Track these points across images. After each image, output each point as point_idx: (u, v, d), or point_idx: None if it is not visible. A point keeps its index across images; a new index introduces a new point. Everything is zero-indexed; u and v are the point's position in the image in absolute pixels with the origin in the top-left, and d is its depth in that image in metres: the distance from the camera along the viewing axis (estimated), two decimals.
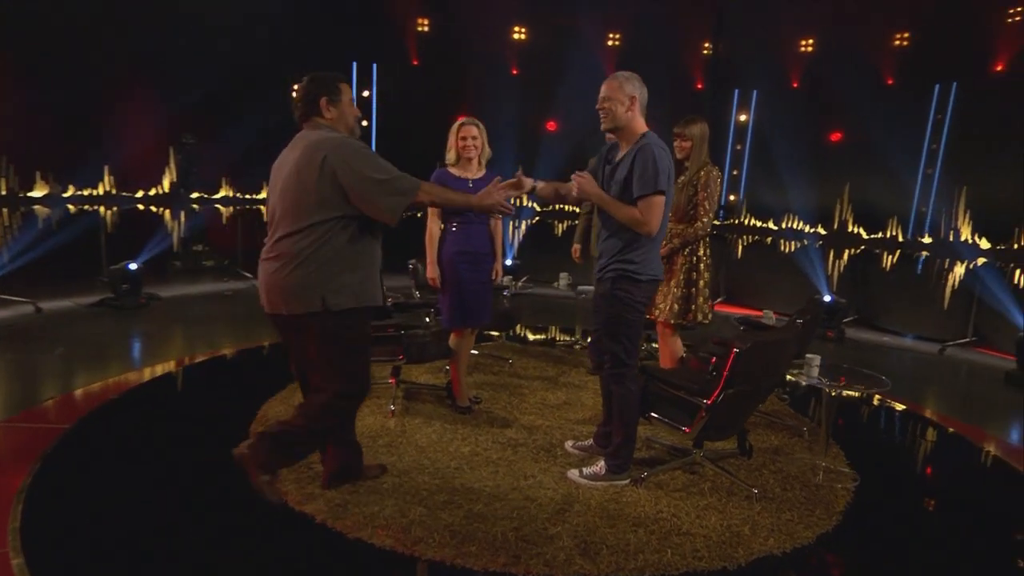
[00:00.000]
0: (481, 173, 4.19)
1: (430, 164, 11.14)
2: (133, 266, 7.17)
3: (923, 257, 7.90)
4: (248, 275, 9.00)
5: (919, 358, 6.89)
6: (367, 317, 2.87)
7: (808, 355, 3.68)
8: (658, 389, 3.47)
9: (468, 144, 4.10)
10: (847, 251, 8.33)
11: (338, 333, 2.79)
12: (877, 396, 5.21)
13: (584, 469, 3.49)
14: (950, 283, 7.42)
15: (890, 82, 8.95)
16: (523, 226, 10.71)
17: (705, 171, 4.20)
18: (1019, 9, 7.86)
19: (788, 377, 3.94)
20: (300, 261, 2.72)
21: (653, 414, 3.49)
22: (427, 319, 4.94)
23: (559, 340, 6.52)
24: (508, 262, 9.20)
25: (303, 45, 9.80)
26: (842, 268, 8.33)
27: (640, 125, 3.26)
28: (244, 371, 5.35)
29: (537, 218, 10.95)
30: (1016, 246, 6.75)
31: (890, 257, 8.05)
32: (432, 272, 4.15)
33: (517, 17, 10.74)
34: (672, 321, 4.25)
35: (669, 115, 4.27)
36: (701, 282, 4.24)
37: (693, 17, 10.48)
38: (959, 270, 7.35)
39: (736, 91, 10.45)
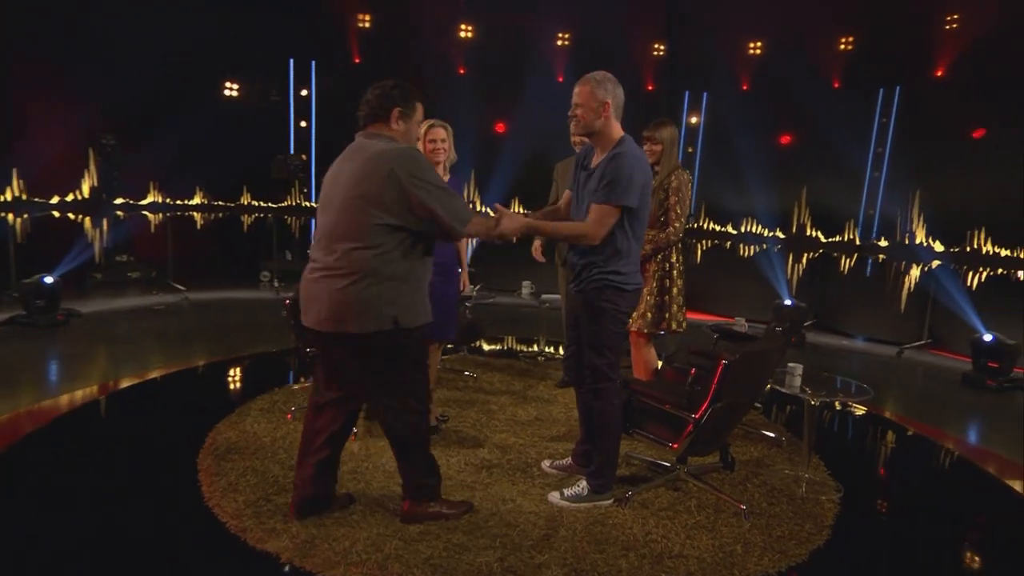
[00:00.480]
0: (446, 179, 4.07)
1: None
2: (49, 279, 6.72)
3: (872, 260, 8.15)
4: (180, 287, 8.61)
5: (878, 361, 7.10)
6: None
7: (790, 364, 3.70)
8: (641, 403, 3.42)
9: (437, 147, 3.98)
10: (806, 254, 8.52)
11: (407, 350, 2.86)
12: (849, 403, 5.30)
13: (565, 491, 3.40)
14: (906, 286, 7.68)
15: (837, 85, 9.23)
16: None
17: (676, 175, 4.20)
18: (956, 16, 8.22)
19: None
20: (376, 277, 2.70)
21: (636, 430, 3.43)
22: None
23: (522, 352, 6.44)
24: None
25: (237, 41, 9.48)
26: (801, 272, 8.53)
27: (615, 130, 3.19)
28: (182, 394, 5.06)
29: None
30: (969, 248, 7.01)
31: (848, 260, 8.28)
32: None
33: (464, 15, 10.65)
34: (646, 330, 4.23)
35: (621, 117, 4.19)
36: (675, 289, 4.23)
37: (644, 18, 10.59)
38: (915, 273, 7.60)
39: (687, 93, 10.60)
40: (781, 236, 8.59)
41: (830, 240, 8.35)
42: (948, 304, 7.18)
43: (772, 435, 4.40)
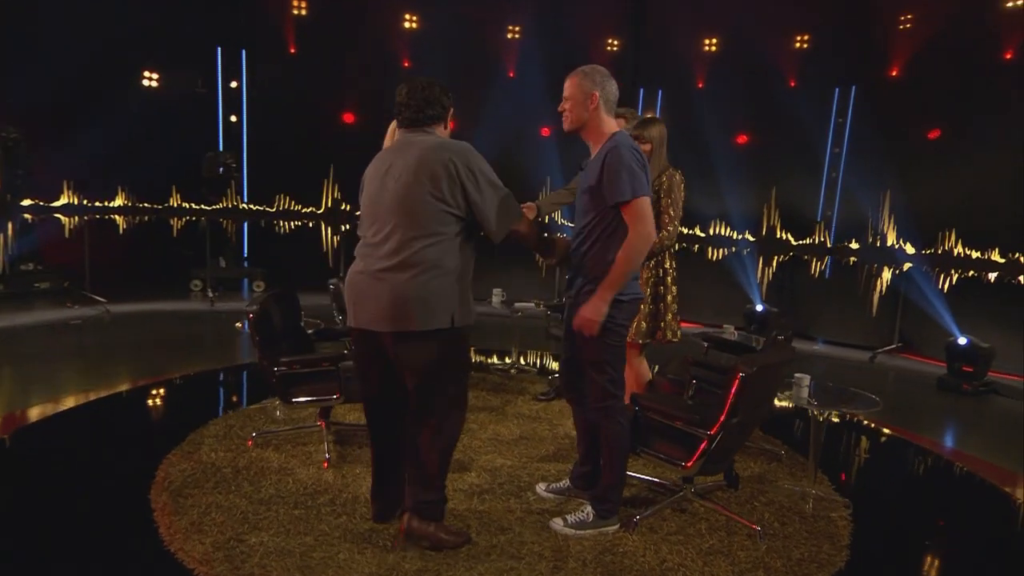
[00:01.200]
0: None
1: (319, 167, 10.66)
2: None
3: (844, 263, 8.34)
4: (99, 299, 8.11)
5: (850, 366, 7.25)
6: None
7: (796, 374, 3.68)
8: (649, 420, 3.34)
9: None
10: (776, 258, 8.66)
11: (460, 353, 2.93)
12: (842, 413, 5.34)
13: (568, 517, 3.29)
14: (877, 289, 7.88)
15: (793, 84, 9.43)
16: None
17: (667, 175, 4.15)
18: (910, 16, 8.51)
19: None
20: (438, 271, 2.76)
21: (644, 448, 3.35)
22: None
23: (494, 365, 6.29)
24: None
25: (158, 27, 9.03)
26: (771, 276, 8.66)
27: (608, 125, 3.13)
28: (117, 422, 4.72)
29: None
30: (940, 250, 7.25)
31: (819, 263, 8.46)
32: None
33: (408, 4, 10.44)
34: (640, 341, 4.16)
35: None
36: (669, 297, 4.18)
37: (597, 11, 10.61)
38: (886, 275, 7.82)
39: (641, 90, 10.66)
40: (751, 239, 8.70)
41: (800, 243, 8.50)
42: (919, 307, 7.40)
43: (770, 448, 4.39)
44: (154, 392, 5.29)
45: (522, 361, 6.27)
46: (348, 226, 10.09)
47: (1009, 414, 5.90)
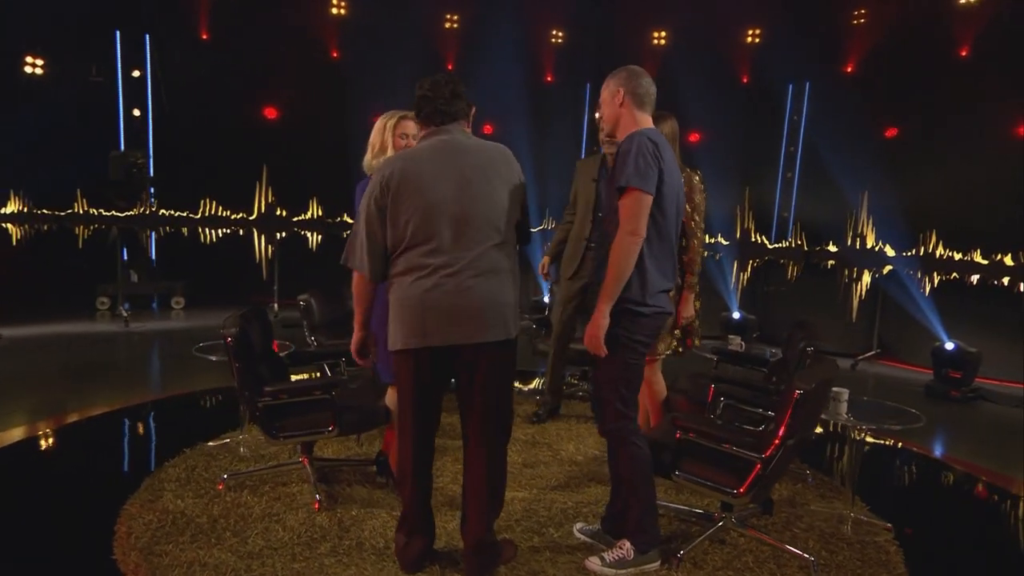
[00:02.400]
0: None
1: (248, 169, 10.13)
2: None
3: (822, 267, 8.55)
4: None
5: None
6: None
7: (834, 388, 3.67)
8: (690, 443, 3.24)
9: (409, 143, 3.63)
10: (751, 262, 8.79)
11: (515, 360, 3.02)
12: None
13: (606, 555, 3.17)
14: (856, 293, 8.09)
15: (745, 80, 9.64)
16: None
17: (685, 176, 4.10)
18: (863, 11, 8.84)
19: None
20: (513, 277, 2.91)
21: (684, 475, 3.26)
22: (339, 373, 4.30)
23: None
24: None
25: (44, 7, 8.41)
26: (746, 281, 8.79)
27: (631, 122, 3.09)
28: (48, 467, 4.32)
29: None
30: (923, 252, 7.50)
31: (795, 267, 8.63)
32: None
33: None
34: (658, 356, 4.09)
35: (517, 110, 4.00)
36: (698, 302, 4.17)
37: (542, 2, 10.56)
38: (866, 279, 8.04)
39: (588, 85, 10.68)
40: (724, 243, 8.81)
41: (775, 246, 8.67)
42: (898, 312, 7.63)
43: (794, 469, 4.38)
44: (88, 431, 4.87)
45: None
46: (284, 233, 9.70)
47: (1004, 421, 6.12)
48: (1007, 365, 6.91)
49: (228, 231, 9.89)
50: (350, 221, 10.08)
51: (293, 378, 4.16)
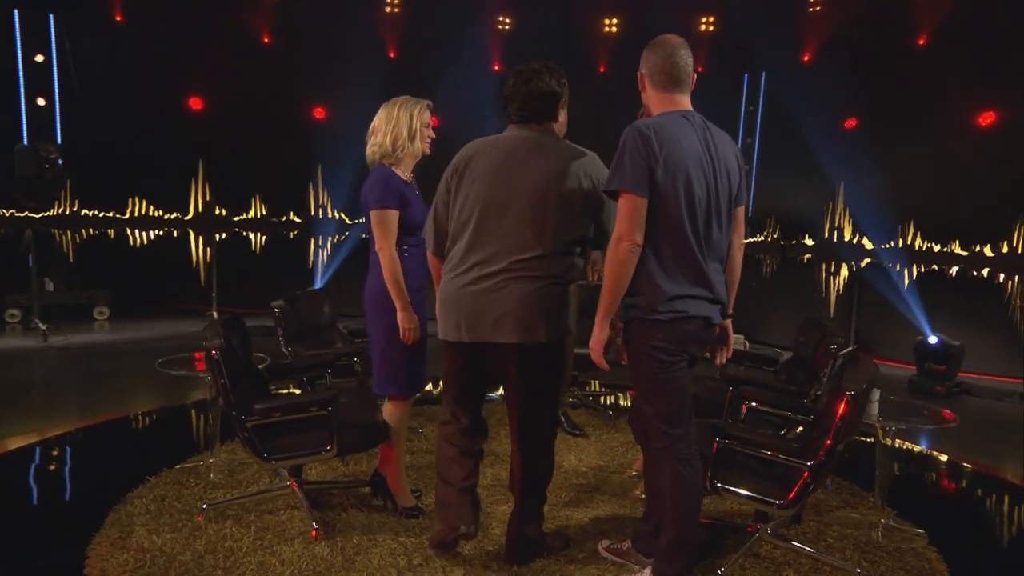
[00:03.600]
0: (411, 177, 3.55)
1: (182, 164, 9.58)
2: None
3: (798, 261, 8.65)
4: None
5: None
6: None
7: None
8: (731, 452, 3.14)
9: (429, 135, 3.50)
10: None
11: (564, 363, 3.29)
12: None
13: None
14: (834, 287, 8.19)
15: (700, 69, 9.69)
16: (329, 243, 9.69)
17: None
18: None
19: None
20: (563, 281, 2.98)
21: (725, 486, 3.15)
22: (327, 386, 4.05)
23: None
24: None
25: None
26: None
27: (659, 103, 2.87)
28: None
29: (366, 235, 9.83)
30: (903, 243, 7.63)
31: (771, 261, 8.69)
32: (410, 321, 3.36)
33: None
34: None
35: (462, 100, 3.86)
36: None
37: None
38: (844, 272, 8.15)
39: None
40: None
41: (750, 241, 8.71)
42: (876, 306, 7.75)
43: None
44: (19, 464, 4.47)
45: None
46: (224, 234, 9.29)
47: (990, 415, 6.25)
48: (987, 358, 7.09)
49: (161, 232, 9.41)
50: (298, 220, 9.75)
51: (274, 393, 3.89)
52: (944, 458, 5.08)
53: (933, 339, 6.85)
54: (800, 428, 3.79)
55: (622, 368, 2.97)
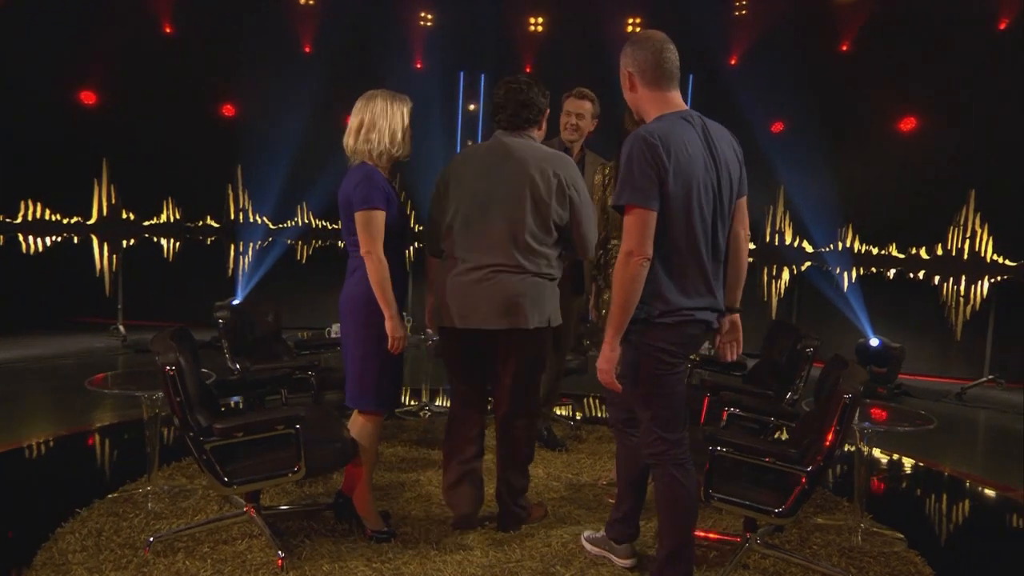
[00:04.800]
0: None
1: (82, 164, 8.97)
2: None
3: None
4: None
5: None
6: None
7: None
8: (724, 460, 3.13)
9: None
10: None
11: (545, 351, 3.59)
12: None
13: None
14: (776, 291, 8.40)
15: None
16: (251, 250, 9.29)
17: None
18: (744, 2, 9.26)
19: None
20: (546, 275, 3.39)
21: (719, 495, 3.14)
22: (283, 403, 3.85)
23: (407, 407, 5.71)
24: (236, 302, 7.94)
25: None
26: None
27: (652, 107, 2.81)
28: None
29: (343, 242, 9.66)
30: (843, 247, 7.89)
31: None
32: (399, 329, 3.27)
33: None
34: None
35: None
36: None
37: None
38: (785, 276, 8.36)
39: (461, 73, 10.51)
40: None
41: None
42: (815, 309, 7.99)
43: None
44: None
45: (437, 402, 5.81)
46: (132, 240, 8.82)
47: (942, 418, 6.49)
48: (922, 359, 7.39)
49: (59, 239, 8.87)
50: (215, 225, 9.36)
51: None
52: (909, 461, 5.23)
53: (874, 341, 7.09)
54: (776, 434, 3.84)
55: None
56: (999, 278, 7.50)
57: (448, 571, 3.22)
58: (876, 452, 5.31)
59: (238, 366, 4.08)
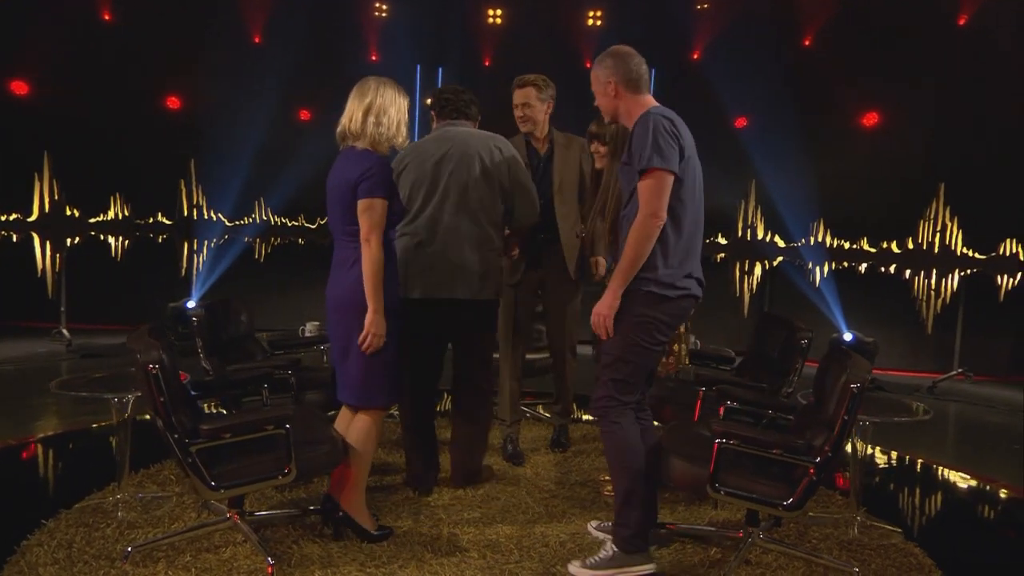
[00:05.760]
0: None
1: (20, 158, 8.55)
2: None
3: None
4: None
5: None
6: None
7: None
8: (730, 452, 3.13)
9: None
10: None
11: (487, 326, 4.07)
12: None
13: (589, 558, 3.24)
14: (748, 287, 8.49)
15: (588, 65, 9.86)
16: (207, 248, 9.07)
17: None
18: None
19: None
20: (496, 248, 3.92)
21: (724, 488, 3.15)
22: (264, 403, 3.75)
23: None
24: (191, 304, 7.75)
25: None
26: None
27: (635, 106, 3.21)
28: None
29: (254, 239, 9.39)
30: (814, 241, 8.02)
31: None
32: (381, 326, 3.31)
33: None
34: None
35: (338, 91, 3.82)
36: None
37: None
38: (758, 271, 8.46)
39: (418, 67, 10.44)
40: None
41: None
42: (787, 304, 8.10)
43: None
44: None
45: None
46: (78, 238, 8.55)
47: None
48: (893, 354, 7.55)
49: None
50: (167, 222, 9.13)
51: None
52: (893, 455, 5.32)
53: (848, 336, 7.22)
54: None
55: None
56: (968, 271, 7.71)
57: (446, 574, 3.18)
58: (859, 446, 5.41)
59: (209, 365, 3.97)
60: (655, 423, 3.60)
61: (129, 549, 3.21)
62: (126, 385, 3.70)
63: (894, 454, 5.30)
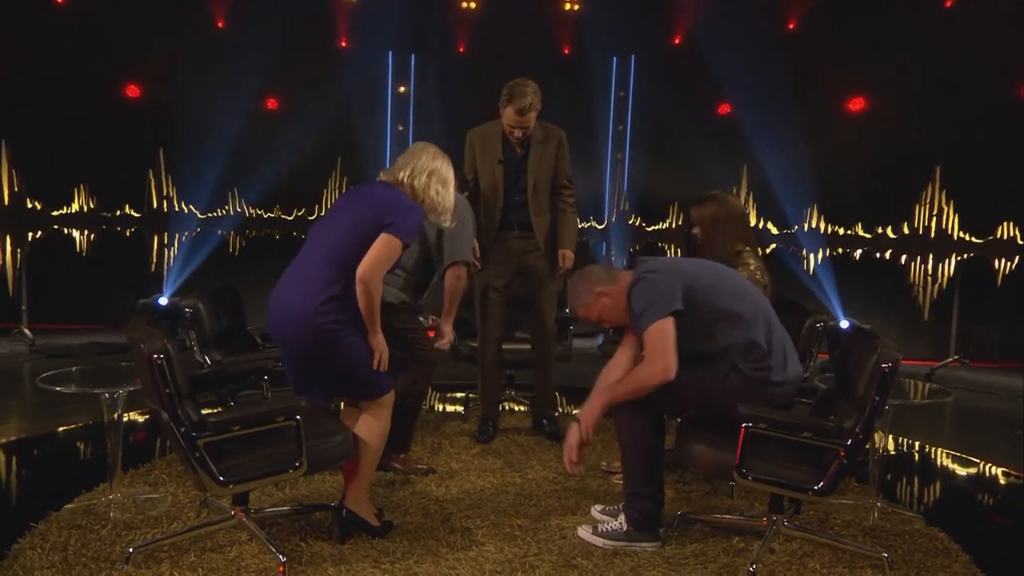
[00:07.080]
0: None
1: None
2: None
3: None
4: None
5: None
6: None
7: None
8: (759, 436, 3.14)
9: None
10: (632, 247, 8.98)
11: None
12: None
13: (600, 525, 3.46)
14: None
15: (567, 51, 9.89)
16: (178, 241, 8.91)
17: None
18: None
19: None
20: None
21: (753, 474, 3.16)
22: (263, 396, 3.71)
23: None
24: (163, 300, 7.63)
25: None
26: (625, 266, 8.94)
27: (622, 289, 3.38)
28: None
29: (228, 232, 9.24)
30: (808, 227, 8.10)
31: (674, 251, 8.94)
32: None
33: None
34: None
35: (306, 78, 3.76)
36: None
37: None
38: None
39: (390, 54, 10.40)
40: (598, 227, 8.94)
41: (653, 228, 8.94)
42: (783, 291, 8.15)
43: None
44: None
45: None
46: (40, 232, 8.37)
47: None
48: (891, 341, 7.63)
49: None
50: (136, 215, 8.99)
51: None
52: (904, 440, 5.38)
53: (845, 323, 7.29)
54: None
55: None
56: (965, 256, 7.82)
57: (464, 569, 3.15)
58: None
59: (207, 359, 3.90)
60: None
61: (131, 550, 3.14)
62: (114, 380, 3.64)
63: (904, 440, 5.36)
